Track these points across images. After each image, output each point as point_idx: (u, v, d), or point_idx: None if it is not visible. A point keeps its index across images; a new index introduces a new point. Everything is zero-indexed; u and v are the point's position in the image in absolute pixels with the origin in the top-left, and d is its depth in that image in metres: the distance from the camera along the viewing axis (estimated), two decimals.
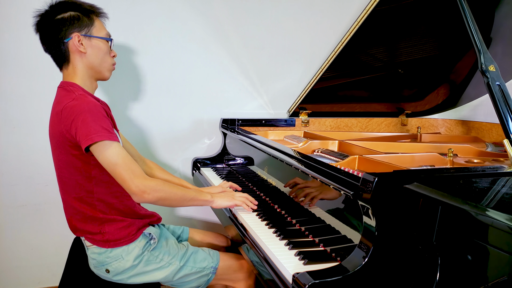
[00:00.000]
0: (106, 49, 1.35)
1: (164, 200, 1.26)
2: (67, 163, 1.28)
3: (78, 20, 1.28)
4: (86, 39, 1.30)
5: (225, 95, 2.27)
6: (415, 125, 2.39)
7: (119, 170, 1.19)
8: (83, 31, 1.29)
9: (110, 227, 1.31)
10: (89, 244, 1.36)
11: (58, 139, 1.26)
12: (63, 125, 1.22)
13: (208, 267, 1.41)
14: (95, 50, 1.32)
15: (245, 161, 1.98)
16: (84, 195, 1.30)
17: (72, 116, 1.19)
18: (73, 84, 1.31)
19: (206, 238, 1.67)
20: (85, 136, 1.17)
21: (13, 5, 1.89)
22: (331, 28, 2.33)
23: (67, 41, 1.28)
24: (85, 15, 1.30)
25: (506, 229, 0.76)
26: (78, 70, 1.32)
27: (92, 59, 1.32)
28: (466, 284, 0.88)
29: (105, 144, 1.18)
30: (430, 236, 0.93)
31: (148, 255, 1.35)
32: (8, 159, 1.99)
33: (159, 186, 1.24)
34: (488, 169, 1.13)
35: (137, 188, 1.19)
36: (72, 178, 1.29)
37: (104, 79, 1.40)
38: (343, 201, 1.13)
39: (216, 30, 2.18)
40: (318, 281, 0.89)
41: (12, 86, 1.95)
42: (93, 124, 1.18)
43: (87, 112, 1.19)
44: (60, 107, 1.24)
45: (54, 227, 2.10)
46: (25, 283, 2.10)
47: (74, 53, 1.30)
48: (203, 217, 2.34)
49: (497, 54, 1.77)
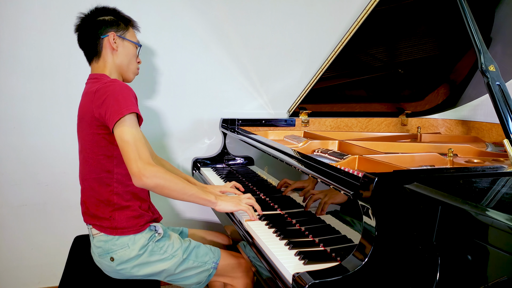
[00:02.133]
0: (134, 52, 1.51)
1: (163, 188, 1.25)
2: (92, 142, 1.34)
3: (117, 23, 1.46)
4: (120, 39, 1.45)
5: (225, 95, 2.27)
6: (415, 125, 2.39)
7: (126, 148, 1.23)
8: (119, 32, 1.46)
9: (120, 214, 1.35)
10: (96, 232, 1.38)
11: (86, 118, 1.34)
12: (94, 104, 1.29)
13: (209, 262, 1.43)
14: (125, 51, 1.47)
15: (245, 161, 1.98)
16: (104, 175, 1.35)
17: (105, 95, 1.28)
18: (102, 74, 1.43)
19: (207, 236, 1.69)
20: (115, 111, 1.24)
21: (13, 5, 1.89)
22: (331, 28, 2.33)
23: (103, 37, 1.43)
24: (123, 21, 1.48)
25: (506, 229, 0.76)
26: (107, 64, 1.45)
27: (121, 58, 1.46)
28: (466, 284, 0.88)
29: (127, 120, 1.25)
30: (430, 236, 0.93)
31: (152, 246, 1.37)
32: (8, 159, 1.99)
33: (160, 173, 1.24)
34: (488, 169, 1.13)
35: (138, 169, 1.21)
36: (95, 158, 1.35)
37: (127, 81, 1.53)
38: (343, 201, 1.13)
39: (216, 30, 2.19)
40: (318, 281, 0.89)
41: (12, 86, 1.95)
42: (123, 100, 1.26)
43: (119, 91, 1.28)
44: (94, 89, 1.32)
45: (54, 227, 2.10)
46: (25, 283, 2.10)
47: (106, 48, 1.44)
48: (203, 217, 2.34)
49: (497, 54, 1.77)
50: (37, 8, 1.92)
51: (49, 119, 2.01)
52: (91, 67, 1.48)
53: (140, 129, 1.29)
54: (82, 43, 1.46)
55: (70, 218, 2.11)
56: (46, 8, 1.93)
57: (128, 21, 1.51)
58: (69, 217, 2.11)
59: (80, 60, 2.01)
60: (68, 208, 2.11)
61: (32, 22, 1.93)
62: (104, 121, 1.27)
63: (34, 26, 1.93)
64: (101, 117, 1.28)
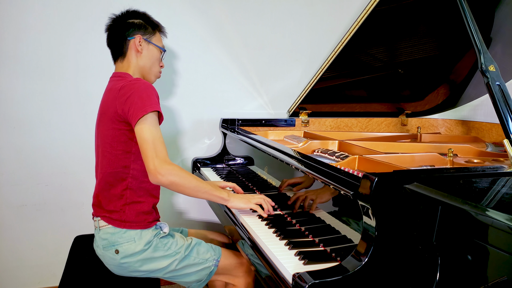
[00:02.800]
0: (158, 56, 1.57)
1: (178, 185, 1.29)
2: (112, 137, 1.38)
3: (144, 27, 1.52)
4: (145, 42, 1.52)
5: (225, 95, 2.27)
6: (415, 125, 2.39)
7: (145, 146, 1.27)
8: (146, 35, 1.52)
9: (131, 208, 1.39)
10: (103, 224, 1.40)
11: (108, 114, 1.38)
12: (118, 100, 1.34)
13: (210, 259, 1.44)
14: (149, 54, 1.53)
15: (245, 161, 1.98)
16: (120, 170, 1.38)
17: (129, 92, 1.32)
18: (126, 73, 1.48)
19: (207, 236, 1.69)
20: (139, 108, 1.28)
21: (13, 6, 1.89)
22: (331, 28, 2.33)
23: (130, 39, 1.49)
24: (151, 25, 1.55)
25: (506, 229, 0.76)
26: (131, 65, 1.50)
27: (145, 60, 1.52)
28: (466, 284, 0.88)
29: (149, 119, 1.29)
30: (430, 236, 0.93)
31: (157, 241, 1.40)
32: (8, 159, 1.99)
33: (176, 170, 1.28)
34: (488, 169, 1.13)
35: (154, 167, 1.25)
36: (113, 153, 1.38)
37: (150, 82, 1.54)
38: (343, 201, 1.13)
39: (216, 30, 2.19)
40: (318, 281, 0.89)
41: (12, 86, 1.95)
42: (147, 98, 1.31)
43: (144, 89, 1.33)
44: (119, 86, 1.36)
45: (54, 227, 2.10)
46: (25, 283, 2.10)
47: (131, 50, 1.50)
48: (203, 217, 2.34)
49: (497, 54, 1.77)
50: (38, 8, 1.92)
51: (49, 119, 2.01)
52: (115, 65, 1.54)
53: (159, 129, 1.33)
54: (110, 43, 1.53)
55: (70, 218, 2.12)
56: (46, 8, 1.93)
57: (156, 26, 1.57)
58: (69, 217, 2.11)
59: (80, 60, 2.02)
60: (68, 208, 2.11)
61: (33, 22, 1.93)
62: (126, 117, 1.32)
63: (35, 26, 1.93)
64: (124, 113, 1.32)
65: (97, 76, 2.03)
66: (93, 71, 2.03)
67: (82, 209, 2.12)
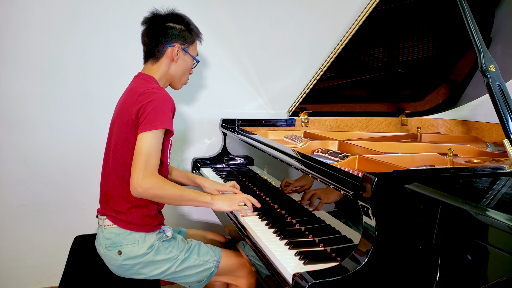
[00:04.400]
0: (190, 66, 1.55)
1: (160, 198, 1.31)
2: (125, 140, 1.36)
3: (185, 36, 1.48)
4: (182, 52, 1.49)
5: (225, 95, 2.27)
6: (415, 125, 2.39)
7: (138, 157, 1.27)
8: (184, 45, 1.49)
9: (137, 211, 1.38)
10: (108, 224, 1.39)
11: (124, 117, 1.36)
12: (135, 106, 1.32)
13: (211, 261, 1.43)
14: (183, 64, 1.51)
15: (245, 161, 1.98)
16: (128, 174, 1.35)
17: (147, 99, 1.31)
18: (152, 77, 1.46)
19: (205, 236, 1.69)
20: (149, 121, 1.28)
21: (13, 6, 1.89)
22: (331, 28, 2.33)
23: (168, 46, 1.45)
24: (190, 33, 1.51)
25: (506, 229, 0.76)
26: (161, 70, 1.47)
27: (177, 69, 1.50)
28: (466, 284, 0.88)
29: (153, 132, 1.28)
30: (430, 236, 0.93)
31: (159, 245, 1.39)
32: (8, 159, 1.99)
33: (159, 183, 1.27)
34: (488, 169, 1.13)
35: (137, 180, 1.25)
36: (124, 156, 1.37)
37: (175, 89, 1.59)
38: (343, 201, 1.13)
39: (216, 29, 2.19)
40: (318, 281, 0.89)
41: (12, 86, 1.95)
42: (161, 113, 1.30)
43: (161, 102, 1.31)
44: (140, 90, 1.35)
45: (54, 227, 2.10)
46: (25, 283, 2.10)
47: (167, 57, 1.47)
48: (202, 217, 2.34)
49: (497, 54, 1.77)
50: (37, 8, 1.92)
51: (49, 119, 2.01)
52: (144, 64, 1.50)
53: (160, 144, 1.32)
54: (144, 41, 1.48)
55: (70, 218, 2.11)
56: (46, 8, 1.93)
57: (195, 34, 1.54)
58: (69, 217, 2.11)
59: (80, 60, 2.02)
60: (68, 208, 2.11)
61: (33, 22, 1.93)
62: (138, 123, 1.32)
63: (35, 26, 1.93)
64: (136, 119, 1.32)
65: (97, 76, 2.03)
66: (93, 71, 2.03)
67: (82, 209, 2.12)
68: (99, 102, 2.07)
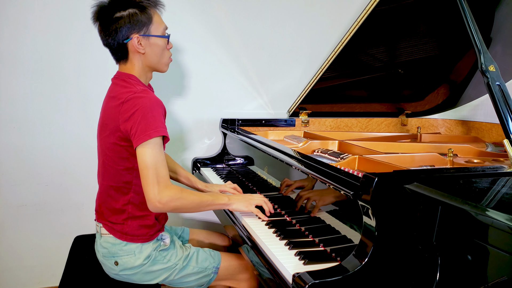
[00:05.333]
0: (164, 45, 1.36)
1: (180, 209, 1.27)
2: (113, 152, 1.30)
3: (137, 19, 1.27)
4: (145, 39, 1.30)
5: (225, 95, 2.27)
6: (415, 125, 2.39)
7: (146, 172, 1.19)
8: (142, 31, 1.29)
9: (133, 222, 1.34)
10: (105, 232, 1.36)
11: (110, 127, 1.27)
12: (121, 116, 1.23)
13: (210, 267, 1.42)
14: (153, 49, 1.33)
15: (245, 161, 1.98)
16: (122, 185, 1.32)
17: (133, 109, 1.21)
18: (132, 76, 1.32)
19: (208, 238, 1.68)
20: (142, 131, 1.18)
21: (13, 5, 1.89)
22: (331, 28, 2.33)
23: (126, 42, 1.29)
24: (143, 10, 1.29)
25: (506, 229, 0.76)
26: (136, 66, 1.34)
27: (151, 57, 1.34)
28: (466, 284, 0.88)
29: (151, 142, 1.19)
30: (430, 236, 0.93)
31: (156, 254, 1.36)
32: (8, 159, 1.99)
33: (177, 195, 1.23)
34: (488, 169, 1.13)
35: (154, 196, 1.19)
36: (115, 168, 1.31)
37: (162, 72, 1.42)
38: (343, 201, 1.13)
39: (216, 30, 2.18)
40: (318, 281, 0.89)
41: (12, 86, 1.95)
42: (152, 120, 1.20)
43: (149, 108, 1.20)
44: (123, 97, 1.24)
45: (54, 227, 2.10)
46: (25, 283, 2.10)
47: (133, 52, 1.31)
48: (202, 217, 2.34)
49: (497, 54, 1.77)
50: (37, 8, 1.92)
51: (49, 119, 2.01)
52: (118, 66, 1.38)
53: (163, 151, 1.25)
54: (104, 43, 1.33)
55: (70, 218, 2.11)
56: (46, 8, 1.93)
57: (148, 6, 1.30)
58: (69, 217, 2.11)
59: (79, 60, 2.02)
60: (68, 208, 2.11)
61: (32, 22, 1.92)
62: (129, 136, 1.23)
63: (34, 26, 1.93)
64: (126, 132, 1.23)
65: (97, 76, 2.03)
66: (93, 71, 2.03)
67: (82, 209, 2.12)
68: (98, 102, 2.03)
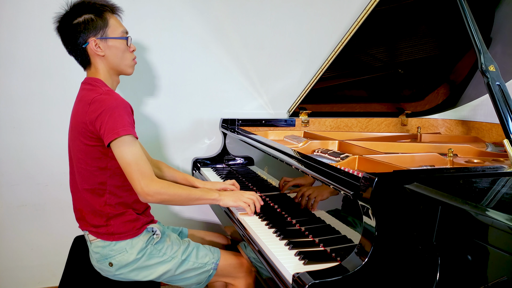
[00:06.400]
0: (123, 47, 1.38)
1: (168, 201, 1.30)
2: (85, 153, 1.31)
3: (93, 23, 1.31)
4: (102, 42, 1.33)
5: (225, 95, 2.27)
6: (415, 125, 2.39)
7: (129, 169, 1.24)
8: (99, 34, 1.32)
9: (115, 220, 1.35)
10: (92, 238, 1.37)
11: (79, 129, 1.29)
12: (88, 116, 1.25)
13: (209, 263, 1.43)
14: (113, 51, 1.36)
15: (245, 161, 1.98)
16: (97, 187, 1.33)
17: (100, 109, 1.23)
18: (98, 79, 1.36)
19: (206, 237, 1.69)
20: (110, 130, 1.21)
21: (13, 6, 1.89)
22: (331, 28, 2.33)
23: (85, 46, 1.33)
24: (99, 15, 1.32)
25: (506, 229, 0.76)
26: (100, 70, 1.37)
27: (111, 59, 1.36)
28: (466, 284, 0.88)
29: (125, 140, 1.23)
30: (430, 236, 0.93)
31: (151, 249, 1.37)
32: (8, 159, 1.99)
33: (163, 189, 1.27)
34: (488, 169, 1.13)
35: (142, 190, 1.24)
36: (88, 169, 1.32)
37: (127, 75, 1.45)
38: (343, 201, 1.13)
39: (216, 30, 2.18)
40: (318, 281, 0.89)
41: (12, 86, 1.95)
42: (119, 119, 1.23)
43: (115, 108, 1.24)
44: (89, 98, 1.27)
45: (54, 227, 2.10)
46: (25, 283, 2.10)
47: (94, 56, 1.35)
48: (202, 217, 2.34)
49: (497, 54, 1.77)
50: (37, 8, 1.92)
51: (49, 119, 2.01)
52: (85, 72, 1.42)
53: (138, 145, 1.28)
54: (69, 52, 1.37)
55: (70, 219, 2.09)
56: (45, 8, 1.93)
57: (104, 11, 1.33)
58: (69, 217, 2.10)
59: None
60: (68, 208, 2.09)
61: (32, 22, 1.92)
62: (99, 135, 1.25)
63: (34, 26, 1.93)
64: (95, 131, 1.25)
65: None
66: None
67: None
68: None
